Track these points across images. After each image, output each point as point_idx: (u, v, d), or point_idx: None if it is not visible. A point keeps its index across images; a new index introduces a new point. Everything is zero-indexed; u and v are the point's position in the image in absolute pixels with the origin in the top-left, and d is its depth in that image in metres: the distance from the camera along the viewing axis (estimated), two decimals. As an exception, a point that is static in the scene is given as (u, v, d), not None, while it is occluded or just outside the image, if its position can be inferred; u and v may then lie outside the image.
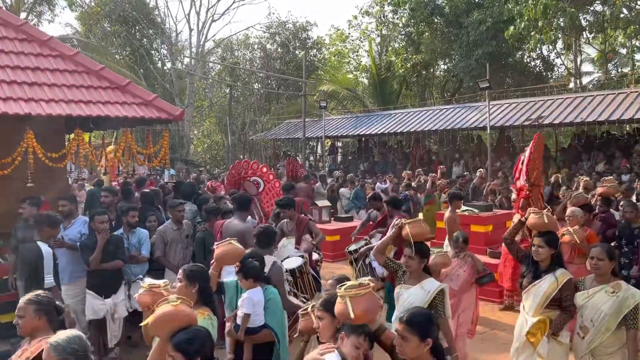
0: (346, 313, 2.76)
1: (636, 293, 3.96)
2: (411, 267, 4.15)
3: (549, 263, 4.26)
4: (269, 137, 26.71)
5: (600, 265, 4.09)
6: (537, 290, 4.22)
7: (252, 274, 4.07)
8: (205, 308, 3.49)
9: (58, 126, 7.19)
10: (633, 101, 14.27)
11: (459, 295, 5.57)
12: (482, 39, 20.67)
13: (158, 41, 31.87)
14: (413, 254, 4.09)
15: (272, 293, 4.14)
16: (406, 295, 4.09)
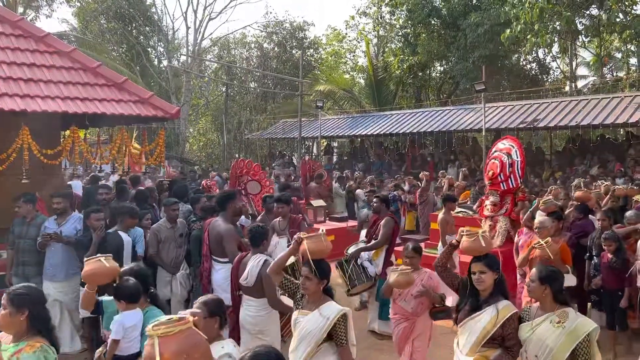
0: (152, 357, 2.14)
1: (586, 323, 3.42)
2: (308, 288, 3.60)
3: (491, 291, 3.65)
4: (265, 137, 26.71)
5: (531, 288, 3.58)
6: (474, 325, 3.60)
7: (125, 294, 3.67)
8: (37, 338, 2.98)
9: (54, 123, 7.17)
10: (627, 105, 14.35)
11: (412, 318, 4.96)
12: (479, 42, 20.72)
13: (155, 39, 31.82)
14: (311, 274, 3.56)
15: (155, 316, 3.55)
16: (303, 322, 3.56)
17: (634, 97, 14.92)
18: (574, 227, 7.07)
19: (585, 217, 7.23)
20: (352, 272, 6.44)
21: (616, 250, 6.09)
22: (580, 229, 7.04)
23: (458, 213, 9.11)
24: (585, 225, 7.07)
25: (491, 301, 3.60)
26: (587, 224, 7.10)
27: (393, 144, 22.55)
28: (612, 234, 6.19)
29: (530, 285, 3.59)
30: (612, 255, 6.11)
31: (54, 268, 5.93)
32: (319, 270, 3.58)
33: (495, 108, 17.73)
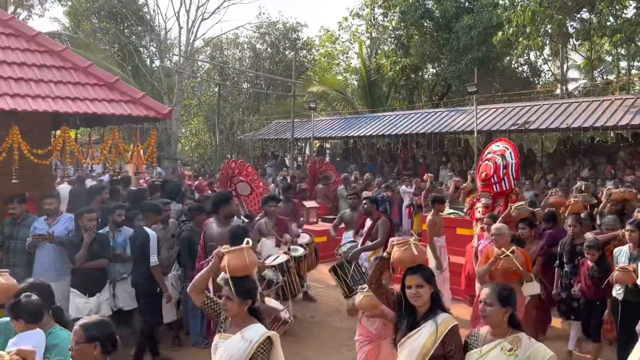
0: None
1: (540, 350, 3.04)
2: (229, 310, 3.21)
3: (429, 307, 3.29)
4: (257, 137, 26.67)
5: (488, 312, 3.08)
6: (413, 344, 3.23)
7: (23, 312, 3.18)
8: None
9: (44, 122, 7.12)
10: (617, 108, 14.47)
11: (377, 340, 4.47)
12: (472, 44, 20.82)
13: (147, 38, 31.68)
14: (231, 293, 3.17)
15: (59, 337, 3.22)
16: (224, 347, 3.19)
17: (623, 99, 15.05)
18: (545, 237, 6.75)
19: (555, 225, 6.95)
20: (354, 273, 6.29)
21: (598, 258, 5.73)
22: (551, 238, 6.72)
23: (450, 214, 9.13)
24: (557, 234, 6.75)
25: (429, 316, 3.25)
26: (559, 232, 6.80)
27: (385, 146, 22.59)
28: (596, 241, 5.85)
29: (486, 309, 3.08)
30: (594, 264, 5.73)
31: (45, 269, 5.89)
32: (240, 289, 3.19)
33: (487, 110, 17.81)
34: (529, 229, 6.25)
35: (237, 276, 3.23)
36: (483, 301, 3.12)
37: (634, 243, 5.46)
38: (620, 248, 5.66)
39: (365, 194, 13.07)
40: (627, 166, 14.00)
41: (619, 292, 5.40)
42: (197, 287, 3.44)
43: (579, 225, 6.25)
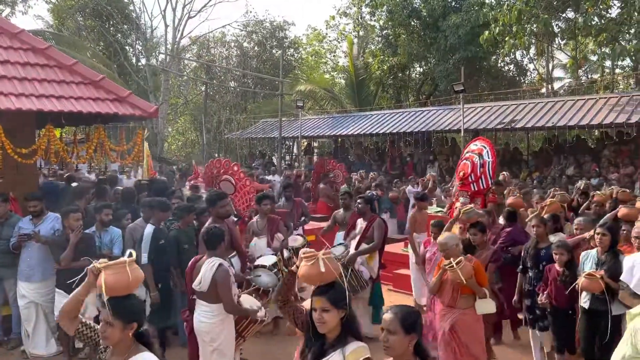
0: None
1: None
2: (109, 338, 2.68)
3: (338, 333, 2.80)
4: (245, 136, 26.58)
5: (391, 342, 2.59)
6: None
7: None
8: None
9: (28, 121, 7.02)
10: (602, 107, 14.63)
11: None
12: (460, 44, 20.94)
13: (133, 37, 31.41)
14: (110, 317, 2.64)
15: None
16: None
17: (608, 98, 15.22)
18: (502, 236, 6.46)
19: (514, 225, 6.59)
20: (351, 279, 6.10)
21: (568, 262, 5.23)
22: (509, 238, 6.41)
23: (438, 212, 9.16)
24: (515, 234, 6.44)
25: (338, 345, 2.75)
26: (517, 232, 6.49)
27: (373, 144, 22.63)
28: (565, 242, 5.41)
29: (388, 338, 2.59)
30: (563, 267, 5.22)
31: (31, 269, 5.81)
32: (121, 311, 2.65)
33: (474, 109, 17.92)
34: (480, 235, 5.69)
35: (115, 296, 2.69)
36: (385, 329, 2.61)
37: (602, 247, 5.02)
38: (588, 252, 5.22)
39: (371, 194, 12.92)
40: (612, 164, 14.17)
41: (585, 300, 4.99)
42: (68, 312, 2.84)
43: (543, 226, 5.74)
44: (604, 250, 5.02)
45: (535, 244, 5.73)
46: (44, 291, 5.89)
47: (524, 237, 6.36)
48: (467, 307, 4.87)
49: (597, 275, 4.71)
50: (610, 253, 4.99)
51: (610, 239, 5.00)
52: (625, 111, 13.83)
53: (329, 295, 2.81)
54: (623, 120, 13.52)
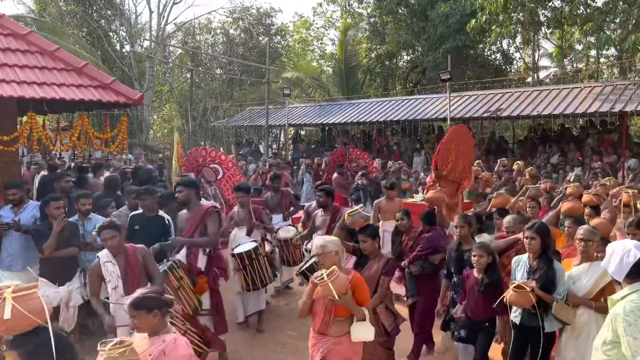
0: None
1: None
2: None
3: None
4: (231, 124, 26.42)
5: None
6: None
7: None
8: None
9: (9, 108, 6.90)
10: (586, 96, 14.76)
11: None
12: (449, 33, 20.95)
13: (117, 23, 30.93)
14: None
15: None
16: None
17: (592, 87, 15.36)
18: (420, 243, 5.80)
19: (434, 229, 5.88)
20: None
21: (488, 267, 4.61)
22: (428, 245, 5.71)
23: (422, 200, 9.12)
24: (435, 239, 5.76)
25: None
26: (437, 237, 5.81)
27: (360, 133, 22.64)
28: (484, 244, 4.75)
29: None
30: (483, 274, 4.61)
31: (12, 258, 5.74)
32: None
33: (460, 97, 17.98)
34: (370, 242, 4.63)
35: None
36: None
37: (533, 253, 4.32)
38: (519, 257, 4.54)
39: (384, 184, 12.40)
40: (595, 152, 14.32)
41: (516, 314, 4.36)
42: None
43: (467, 226, 5.11)
44: (535, 256, 4.32)
45: (458, 245, 5.14)
46: (25, 280, 5.80)
47: (446, 242, 5.77)
48: (341, 335, 3.85)
49: (526, 287, 4.04)
50: (542, 259, 4.28)
51: (541, 242, 4.28)
52: (609, 100, 13.98)
53: None
54: (607, 109, 13.66)
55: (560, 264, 4.35)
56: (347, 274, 3.86)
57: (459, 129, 7.94)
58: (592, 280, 4.19)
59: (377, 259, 4.63)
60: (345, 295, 3.67)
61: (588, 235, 4.27)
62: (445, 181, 7.28)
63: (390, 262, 4.72)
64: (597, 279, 4.16)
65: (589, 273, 4.23)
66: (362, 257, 4.75)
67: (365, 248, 4.67)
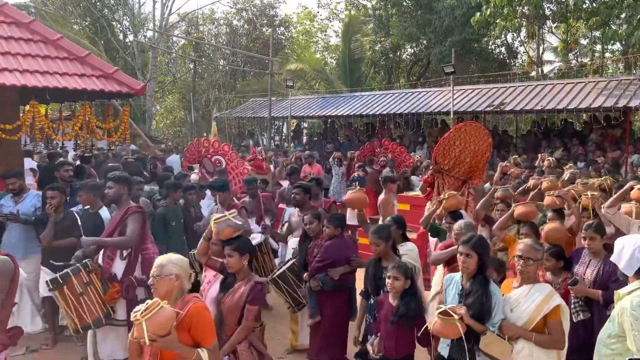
0: None
1: None
2: None
3: None
4: (234, 115, 26.37)
5: None
6: None
7: None
8: None
9: (12, 97, 6.90)
10: (590, 91, 14.69)
11: None
12: (455, 25, 20.84)
13: (120, 12, 30.83)
14: None
15: None
16: None
17: (597, 82, 15.27)
18: (319, 253, 4.94)
19: (340, 236, 4.98)
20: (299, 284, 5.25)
21: (405, 292, 3.78)
22: (326, 255, 4.85)
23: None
24: (336, 249, 4.86)
25: None
26: (340, 246, 4.89)
27: (363, 125, 22.59)
28: (401, 264, 3.93)
29: None
30: (398, 301, 3.79)
31: (12, 247, 5.73)
32: None
33: (464, 91, 17.90)
34: (237, 257, 3.77)
35: None
36: None
37: (467, 273, 3.60)
38: (452, 276, 3.81)
39: (414, 179, 11.48)
40: (599, 148, 14.26)
41: (444, 345, 3.64)
42: None
43: (383, 242, 4.24)
44: (468, 276, 3.59)
45: (375, 261, 4.33)
46: (26, 269, 5.83)
47: (351, 251, 4.97)
48: None
49: (455, 315, 3.31)
50: (477, 281, 3.54)
51: (478, 260, 3.55)
52: (613, 95, 13.91)
53: None
54: (611, 104, 13.59)
55: (498, 288, 3.61)
56: (185, 303, 3.03)
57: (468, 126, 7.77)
58: (533, 307, 3.46)
59: (246, 281, 3.73)
60: (166, 338, 2.84)
61: (528, 252, 3.54)
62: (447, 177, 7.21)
63: (258, 287, 3.70)
64: (539, 304, 3.44)
65: (530, 298, 3.50)
66: (229, 276, 3.92)
67: (231, 265, 3.76)
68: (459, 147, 7.05)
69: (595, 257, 4.47)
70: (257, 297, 3.71)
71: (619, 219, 5.15)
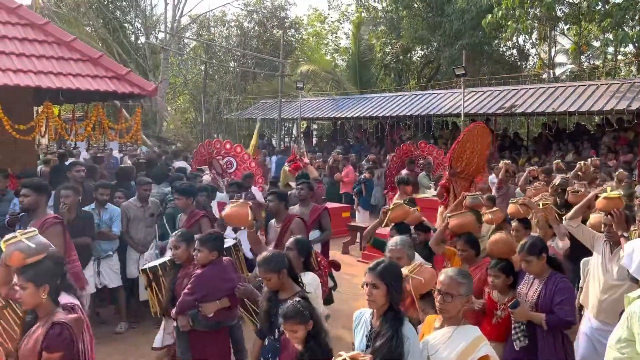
0: None
1: None
2: None
3: None
4: (244, 117, 26.47)
5: None
6: None
7: None
8: None
9: (26, 98, 7.00)
10: (603, 93, 14.57)
11: None
12: (465, 28, 20.79)
13: (132, 14, 31.09)
14: None
15: None
16: None
17: (609, 85, 15.15)
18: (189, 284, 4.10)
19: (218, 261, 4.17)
20: None
21: (308, 337, 3.00)
22: (196, 287, 3.99)
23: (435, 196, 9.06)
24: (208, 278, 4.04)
25: None
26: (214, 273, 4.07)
27: (373, 127, 22.57)
28: (299, 307, 3.05)
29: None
30: (302, 346, 3.00)
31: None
32: None
33: (474, 93, 17.84)
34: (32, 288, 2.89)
35: None
36: None
37: (376, 309, 2.88)
38: (362, 312, 3.08)
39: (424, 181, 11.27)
40: (611, 151, 14.15)
41: None
42: None
43: (275, 276, 3.45)
44: (379, 313, 2.87)
45: (271, 294, 3.54)
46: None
47: (231, 282, 4.08)
48: None
49: None
50: (387, 319, 2.82)
51: (387, 292, 2.81)
52: (626, 98, 13.79)
53: None
54: (624, 107, 13.48)
55: (413, 329, 2.87)
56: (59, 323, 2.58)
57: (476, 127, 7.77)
58: (454, 357, 2.78)
59: (44, 321, 2.84)
60: None
61: (448, 285, 2.83)
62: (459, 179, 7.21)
63: (56, 328, 2.75)
64: (461, 354, 2.77)
65: (451, 344, 2.82)
66: (30, 313, 3.06)
67: (24, 300, 2.88)
68: (469, 149, 7.11)
69: (538, 277, 3.92)
70: (54, 344, 2.72)
71: (582, 232, 4.55)
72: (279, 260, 3.49)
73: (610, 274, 4.18)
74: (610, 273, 4.18)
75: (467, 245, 4.32)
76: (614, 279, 4.14)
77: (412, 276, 3.30)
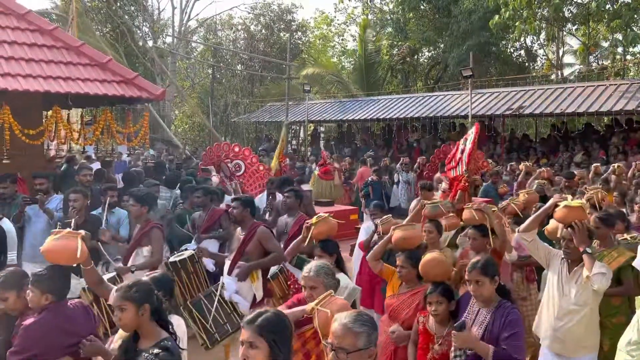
0: None
1: None
2: None
3: None
4: (251, 120, 26.53)
5: None
6: None
7: None
8: None
9: (35, 102, 7.05)
10: (612, 94, 14.48)
11: None
12: (472, 29, 20.74)
13: (140, 19, 31.29)
14: None
15: None
16: None
17: (618, 85, 15.05)
18: None
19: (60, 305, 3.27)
20: (216, 314, 4.52)
21: None
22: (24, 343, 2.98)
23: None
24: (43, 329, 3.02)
25: None
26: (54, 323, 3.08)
27: (380, 130, 22.55)
28: None
29: None
30: None
31: (34, 249, 5.84)
32: None
33: (482, 94, 17.78)
34: None
35: None
36: None
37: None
38: None
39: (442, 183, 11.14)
40: (620, 152, 14.04)
41: None
42: None
43: None
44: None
45: (128, 342, 2.95)
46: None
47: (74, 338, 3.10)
48: None
49: None
50: None
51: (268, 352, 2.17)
52: (635, 98, 13.70)
53: None
54: (633, 108, 13.39)
55: None
56: None
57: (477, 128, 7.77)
58: None
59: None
60: None
61: (340, 338, 2.13)
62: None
63: None
64: None
65: None
66: None
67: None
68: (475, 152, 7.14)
69: (486, 306, 3.25)
70: None
71: (537, 248, 3.96)
72: (144, 294, 2.69)
73: (568, 298, 3.63)
74: (568, 296, 3.63)
75: (407, 262, 3.72)
76: (572, 302, 3.61)
77: (318, 308, 2.69)
